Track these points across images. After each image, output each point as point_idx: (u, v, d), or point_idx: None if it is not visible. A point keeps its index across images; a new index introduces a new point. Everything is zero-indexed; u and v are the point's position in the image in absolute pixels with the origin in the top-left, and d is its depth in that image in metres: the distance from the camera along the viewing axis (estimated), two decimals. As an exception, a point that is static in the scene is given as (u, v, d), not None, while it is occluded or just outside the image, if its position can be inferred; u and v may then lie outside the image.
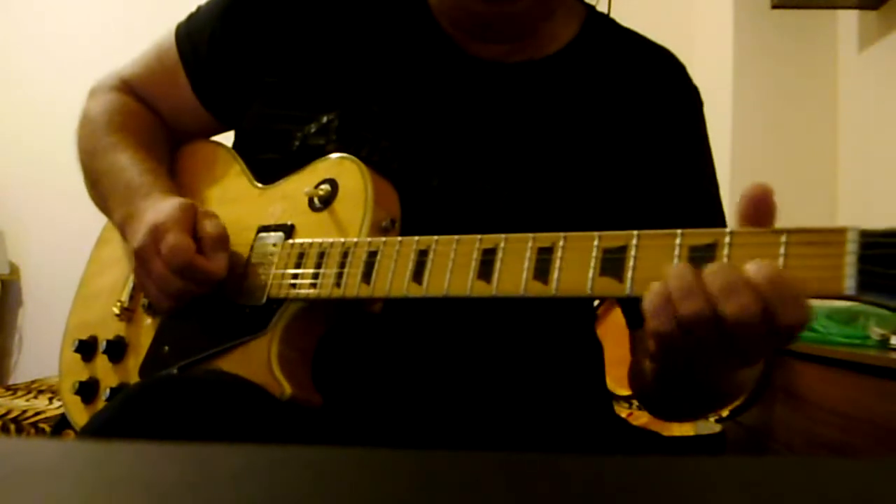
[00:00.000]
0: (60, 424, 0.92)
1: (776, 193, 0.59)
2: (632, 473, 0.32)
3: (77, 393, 0.89)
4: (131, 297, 0.91)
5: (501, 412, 0.83)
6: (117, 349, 0.89)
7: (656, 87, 0.92)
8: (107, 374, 0.89)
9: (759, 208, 0.59)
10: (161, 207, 0.82)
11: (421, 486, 0.30)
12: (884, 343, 1.52)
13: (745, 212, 0.59)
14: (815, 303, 0.57)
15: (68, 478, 0.30)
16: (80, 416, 0.89)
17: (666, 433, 1.67)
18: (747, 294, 0.56)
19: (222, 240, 0.81)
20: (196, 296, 0.81)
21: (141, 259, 0.81)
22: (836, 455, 1.43)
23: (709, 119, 0.96)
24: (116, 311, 0.90)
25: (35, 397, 2.32)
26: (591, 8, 0.97)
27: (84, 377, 0.90)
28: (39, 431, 2.01)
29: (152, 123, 0.99)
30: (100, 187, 0.93)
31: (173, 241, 0.78)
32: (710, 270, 0.58)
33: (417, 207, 0.81)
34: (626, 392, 2.02)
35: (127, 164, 0.91)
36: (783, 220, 0.59)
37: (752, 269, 0.56)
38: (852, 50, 2.25)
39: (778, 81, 2.36)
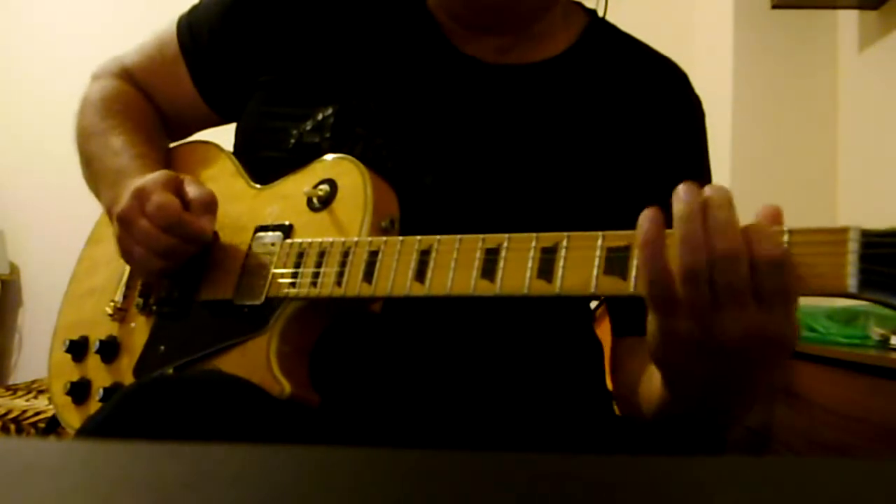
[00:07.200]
0: (51, 426, 0.91)
1: (776, 193, 0.59)
2: (632, 473, 0.32)
3: (69, 394, 0.89)
4: (125, 297, 0.90)
5: (501, 411, 0.83)
6: (110, 349, 0.88)
7: (656, 95, 0.92)
8: (99, 374, 0.88)
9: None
10: (145, 176, 0.81)
11: (420, 485, 0.30)
12: (884, 343, 1.52)
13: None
14: (816, 303, 0.57)
15: (66, 477, 0.30)
16: (71, 416, 0.89)
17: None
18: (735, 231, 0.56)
19: (210, 203, 0.80)
20: (184, 256, 0.80)
21: (125, 223, 0.80)
22: (836, 455, 1.43)
23: (709, 119, 0.96)
24: (109, 310, 0.90)
25: (35, 397, 2.32)
26: (594, 15, 0.97)
27: (75, 378, 0.89)
28: (39, 431, 2.01)
29: (148, 113, 0.99)
30: (92, 169, 0.94)
31: (159, 199, 0.77)
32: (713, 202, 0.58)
33: (411, 205, 0.81)
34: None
35: (120, 148, 0.91)
36: (783, 218, 0.59)
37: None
38: (852, 50, 2.25)
39: (778, 81, 2.36)
